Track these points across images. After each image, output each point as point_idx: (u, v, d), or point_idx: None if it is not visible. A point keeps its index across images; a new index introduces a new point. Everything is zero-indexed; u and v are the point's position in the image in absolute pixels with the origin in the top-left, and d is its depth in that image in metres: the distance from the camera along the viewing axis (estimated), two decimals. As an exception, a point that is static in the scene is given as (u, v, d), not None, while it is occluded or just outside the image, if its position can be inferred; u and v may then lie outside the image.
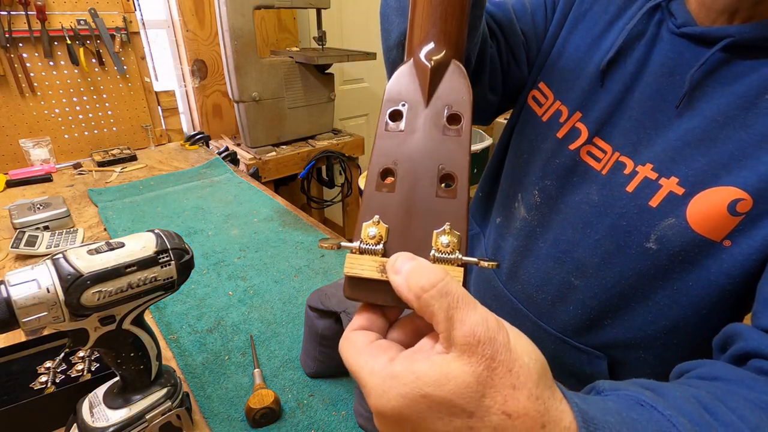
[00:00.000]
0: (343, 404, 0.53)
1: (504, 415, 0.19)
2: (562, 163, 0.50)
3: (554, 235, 0.52)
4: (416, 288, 0.21)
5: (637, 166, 0.45)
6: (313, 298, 0.54)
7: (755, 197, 0.38)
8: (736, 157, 0.39)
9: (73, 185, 1.21)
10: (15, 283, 0.35)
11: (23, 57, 1.31)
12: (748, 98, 0.40)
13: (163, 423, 0.45)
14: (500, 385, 0.19)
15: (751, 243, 0.39)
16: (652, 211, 0.43)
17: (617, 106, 0.47)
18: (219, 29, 1.45)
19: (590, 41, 0.50)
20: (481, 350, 0.19)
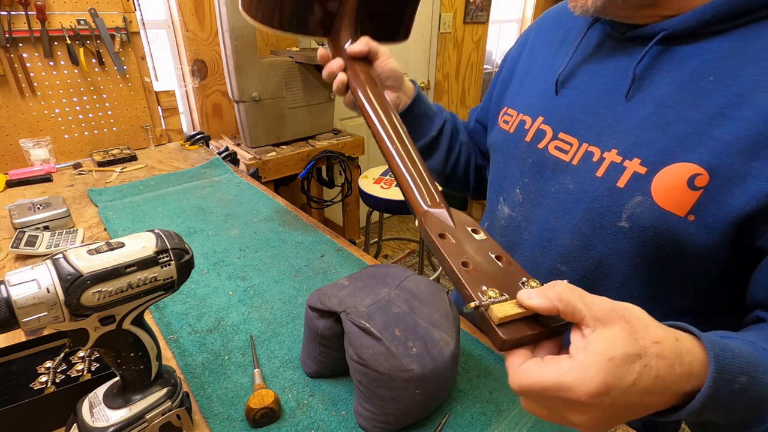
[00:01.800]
0: (343, 404, 0.53)
1: (655, 344, 0.28)
2: (535, 160, 0.56)
3: (538, 227, 0.56)
4: (554, 296, 0.29)
5: (603, 152, 0.49)
6: (313, 298, 0.54)
7: (710, 171, 0.41)
8: (690, 135, 0.43)
9: (73, 185, 1.21)
10: (15, 283, 0.35)
11: (23, 57, 1.31)
12: (692, 81, 0.44)
13: (163, 423, 0.45)
14: (639, 329, 0.28)
15: (712, 217, 0.42)
16: (620, 191, 0.47)
17: (575, 106, 0.53)
18: (219, 29, 1.45)
19: (544, 69, 0.59)
20: (615, 315, 0.28)
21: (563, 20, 0.61)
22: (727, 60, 0.43)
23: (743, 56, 0.42)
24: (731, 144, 0.41)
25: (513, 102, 0.62)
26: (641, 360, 0.27)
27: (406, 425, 0.50)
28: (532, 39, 0.65)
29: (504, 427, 0.50)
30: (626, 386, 0.27)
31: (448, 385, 0.51)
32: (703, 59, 0.44)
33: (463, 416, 0.52)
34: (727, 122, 0.41)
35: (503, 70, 0.69)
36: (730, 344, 0.31)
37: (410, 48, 2.60)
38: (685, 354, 0.29)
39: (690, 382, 0.29)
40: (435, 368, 0.47)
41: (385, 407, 0.47)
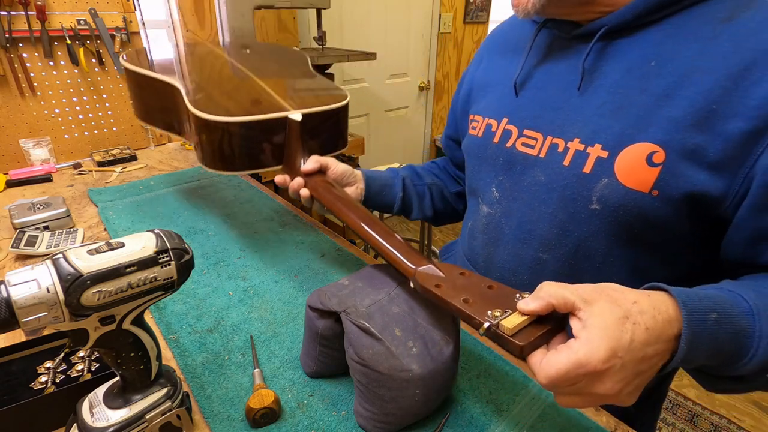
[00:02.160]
0: (343, 404, 0.53)
1: (634, 303, 0.34)
2: (506, 159, 0.60)
3: (516, 220, 0.59)
4: (545, 295, 0.35)
5: (567, 143, 0.53)
6: (313, 298, 0.54)
7: (665, 148, 0.45)
8: (642, 117, 0.47)
9: (73, 185, 1.21)
10: (15, 283, 0.35)
11: (23, 57, 1.31)
12: (636, 68, 0.49)
13: (163, 423, 0.45)
14: (618, 297, 0.34)
15: (673, 190, 0.46)
16: (587, 176, 0.51)
17: (535, 104, 0.57)
18: (219, 29, 1.45)
19: (502, 76, 0.64)
20: (597, 293, 0.34)
21: (512, 34, 0.67)
22: (663, 46, 0.48)
23: (677, 41, 0.47)
24: (678, 121, 0.45)
25: (477, 109, 0.67)
26: (629, 320, 0.33)
27: (406, 425, 0.50)
28: (486, 55, 0.71)
29: (504, 427, 0.50)
30: (627, 343, 0.32)
31: (448, 385, 0.51)
32: (642, 48, 0.49)
33: (463, 416, 0.52)
34: (672, 102, 0.45)
35: (463, 86, 0.75)
36: (696, 290, 0.37)
37: (410, 48, 2.61)
38: (660, 304, 0.35)
39: (673, 327, 0.35)
40: (435, 368, 0.47)
41: (385, 407, 0.47)
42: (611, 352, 0.32)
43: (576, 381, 0.33)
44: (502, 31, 0.71)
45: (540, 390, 0.55)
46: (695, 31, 0.46)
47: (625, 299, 0.34)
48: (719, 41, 0.44)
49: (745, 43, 0.43)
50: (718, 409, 1.58)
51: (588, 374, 0.32)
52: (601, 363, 0.31)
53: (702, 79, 0.44)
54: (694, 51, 0.45)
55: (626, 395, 0.34)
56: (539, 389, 0.55)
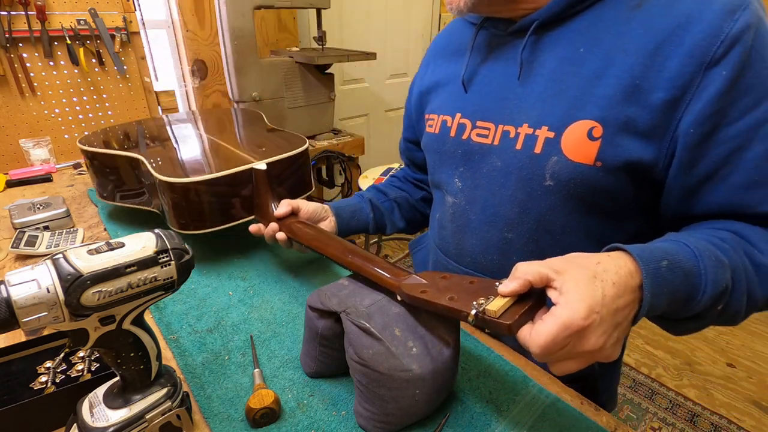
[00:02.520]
0: (343, 404, 0.53)
1: (598, 264, 0.39)
2: (464, 150, 0.64)
3: (480, 206, 0.63)
4: (521, 274, 0.39)
5: (517, 128, 0.57)
6: (313, 298, 0.54)
7: (602, 122, 0.50)
8: (579, 98, 0.52)
9: (73, 185, 1.21)
10: (15, 283, 0.35)
11: (23, 57, 1.31)
12: (568, 55, 0.54)
13: (163, 423, 0.45)
14: (583, 261, 0.39)
15: (613, 160, 0.51)
16: (539, 156, 0.55)
17: (484, 97, 0.62)
18: (219, 29, 1.45)
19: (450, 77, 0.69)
20: (565, 262, 0.39)
21: (453, 38, 0.72)
22: (588, 34, 0.53)
23: (598, 29, 0.52)
24: (610, 98, 0.50)
25: (432, 108, 0.71)
26: (597, 278, 0.37)
27: (406, 425, 0.50)
28: (432, 60, 0.75)
29: (504, 427, 0.50)
30: (600, 299, 0.36)
31: (448, 385, 0.51)
32: (571, 36, 0.54)
33: (463, 416, 0.52)
34: (602, 81, 0.51)
35: (414, 90, 0.80)
36: (647, 245, 0.42)
37: (410, 48, 2.61)
38: (619, 260, 0.40)
39: (634, 278, 0.39)
40: (435, 368, 0.47)
41: (385, 407, 0.47)
42: (589, 309, 0.35)
43: (565, 343, 0.36)
44: (443, 37, 0.76)
45: (540, 390, 0.55)
46: (612, 18, 0.52)
47: (590, 262, 0.39)
48: (633, 26, 0.50)
49: (654, 25, 0.49)
50: (718, 409, 1.58)
51: (574, 333, 0.35)
52: (583, 320, 0.35)
53: (624, 60, 0.50)
54: (614, 36, 0.51)
55: (611, 348, 0.38)
56: (539, 389, 0.55)
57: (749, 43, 0.45)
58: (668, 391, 1.65)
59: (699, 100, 0.46)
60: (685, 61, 0.46)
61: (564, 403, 0.53)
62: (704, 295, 0.42)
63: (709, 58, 0.45)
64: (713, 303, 0.43)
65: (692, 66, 0.46)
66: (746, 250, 0.46)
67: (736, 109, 0.46)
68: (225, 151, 0.86)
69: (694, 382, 1.70)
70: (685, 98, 0.47)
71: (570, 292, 0.36)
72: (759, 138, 0.46)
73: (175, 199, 0.75)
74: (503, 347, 0.63)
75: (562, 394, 0.55)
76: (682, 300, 0.42)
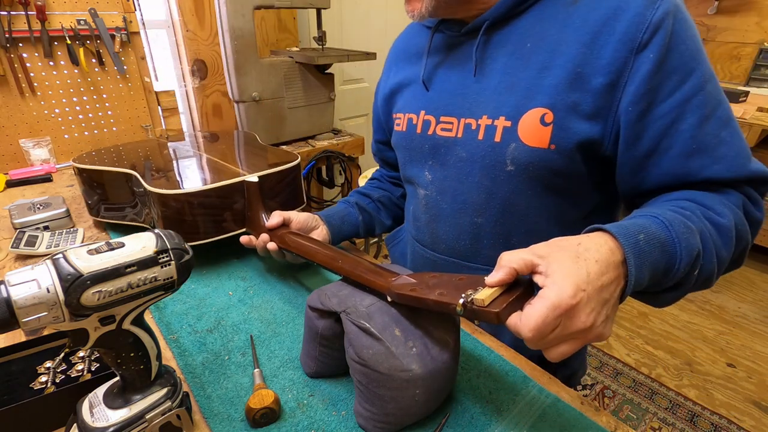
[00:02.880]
0: (343, 404, 0.53)
1: (578, 245, 0.40)
2: (431, 145, 0.68)
3: (450, 195, 0.68)
4: (506, 263, 0.40)
5: (478, 120, 0.62)
6: (313, 298, 0.54)
7: (552, 109, 0.56)
8: (530, 88, 0.57)
9: (73, 185, 1.21)
10: (15, 283, 0.35)
11: (23, 57, 1.31)
12: (517, 50, 0.59)
13: (163, 423, 0.45)
14: (564, 244, 0.40)
15: (565, 142, 0.56)
16: (499, 144, 0.60)
17: (444, 94, 0.67)
18: (219, 29, 1.45)
19: (411, 79, 0.73)
20: (548, 247, 0.40)
21: (411, 43, 0.76)
22: (533, 30, 0.58)
23: (542, 25, 0.58)
24: (556, 86, 0.55)
25: (397, 108, 0.76)
26: (580, 257, 0.38)
27: (406, 425, 0.50)
28: (394, 65, 0.79)
29: (504, 427, 0.50)
30: (585, 276, 0.37)
31: (448, 385, 0.51)
32: (519, 33, 0.59)
33: (463, 416, 0.52)
34: (550, 72, 0.56)
35: (379, 94, 0.84)
36: (622, 223, 0.44)
37: (410, 48, 2.60)
38: (599, 239, 0.41)
39: (615, 254, 0.40)
40: (435, 368, 0.47)
41: (385, 407, 0.47)
42: (575, 287, 0.36)
43: (556, 324, 0.36)
44: (402, 42, 0.80)
45: (540, 390, 0.55)
46: (553, 15, 0.57)
47: (571, 244, 0.40)
48: (572, 20, 0.56)
49: (589, 18, 0.54)
50: (718, 409, 1.58)
51: (563, 314, 0.36)
52: (570, 298, 0.36)
53: (567, 50, 0.55)
54: (556, 30, 0.56)
55: (601, 326, 0.38)
56: (539, 389, 0.55)
57: (670, 28, 0.50)
58: (668, 391, 1.65)
59: (633, 81, 0.52)
60: (617, 47, 0.52)
61: (564, 403, 0.53)
62: (681, 262, 0.44)
63: (637, 43, 0.51)
64: (690, 269, 0.45)
65: (624, 51, 0.52)
66: (705, 215, 0.49)
67: (666, 87, 0.51)
68: (220, 166, 0.89)
69: (694, 382, 1.70)
70: (621, 81, 0.53)
71: (555, 273, 0.37)
72: (689, 111, 0.51)
73: (167, 211, 0.76)
74: (503, 347, 0.63)
75: (562, 394, 0.55)
76: (662, 270, 0.44)
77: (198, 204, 0.75)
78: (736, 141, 0.52)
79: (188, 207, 0.75)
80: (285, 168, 0.86)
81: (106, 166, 0.89)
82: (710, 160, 0.51)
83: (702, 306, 2.12)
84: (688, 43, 0.51)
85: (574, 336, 0.37)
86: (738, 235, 0.50)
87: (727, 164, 0.51)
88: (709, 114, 0.51)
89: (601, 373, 1.73)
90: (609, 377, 1.71)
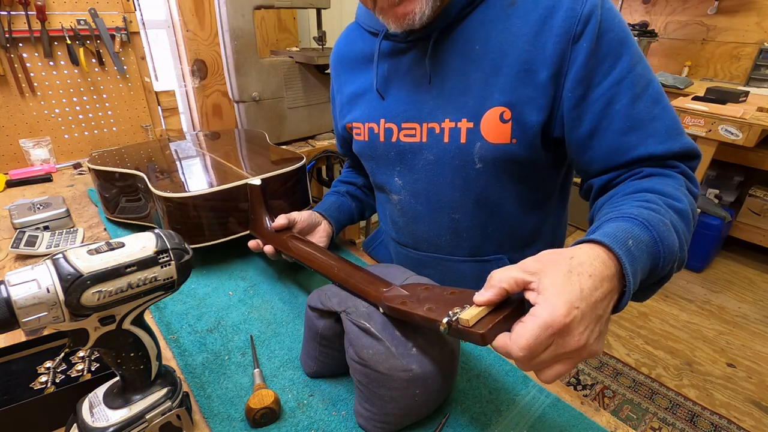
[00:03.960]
0: (343, 404, 0.53)
1: (571, 258, 0.38)
2: (397, 152, 0.70)
3: (425, 197, 0.71)
4: (496, 282, 0.38)
5: (441, 124, 0.64)
6: (313, 298, 0.54)
7: (508, 106, 0.59)
8: (485, 89, 0.60)
9: (73, 185, 1.21)
10: (15, 283, 0.35)
11: (23, 57, 1.31)
12: (467, 53, 0.62)
13: (163, 423, 0.45)
14: (556, 258, 0.39)
15: (524, 135, 0.60)
16: (465, 145, 0.63)
17: (401, 101, 0.68)
18: (219, 29, 1.45)
19: (362, 87, 0.74)
20: (539, 262, 0.38)
21: (353, 48, 0.76)
22: (478, 33, 0.61)
23: (486, 28, 0.60)
24: (508, 84, 0.59)
25: (354, 117, 0.76)
26: (573, 273, 0.37)
27: (406, 425, 0.50)
28: (342, 72, 0.79)
29: (504, 427, 0.50)
30: (579, 293, 0.36)
31: (448, 385, 0.51)
32: (465, 37, 0.62)
33: (463, 416, 0.52)
34: (500, 71, 0.59)
35: (336, 103, 0.83)
36: (605, 230, 0.43)
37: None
38: (591, 251, 0.40)
39: (608, 267, 0.39)
40: (435, 368, 0.47)
41: (385, 407, 0.47)
42: (569, 305, 0.35)
43: (548, 343, 0.35)
44: (345, 46, 0.79)
45: (540, 390, 0.55)
46: (494, 18, 0.60)
47: (563, 258, 0.38)
48: (512, 21, 0.59)
49: (529, 17, 0.58)
50: (718, 409, 1.58)
51: (556, 332, 0.34)
52: (564, 317, 0.34)
53: (513, 50, 0.59)
54: (499, 31, 0.60)
55: (595, 343, 0.37)
56: (539, 389, 0.55)
57: (599, 18, 0.55)
58: (668, 391, 1.65)
59: (571, 70, 0.56)
60: (556, 40, 0.56)
61: (564, 403, 0.53)
62: (664, 261, 0.45)
63: (572, 35, 0.55)
64: (671, 264, 0.46)
65: (562, 44, 0.56)
66: (668, 203, 0.50)
67: (600, 72, 0.56)
68: (225, 168, 0.89)
69: (694, 382, 1.69)
70: (562, 71, 0.57)
71: (547, 291, 0.36)
72: (622, 92, 0.55)
73: (173, 213, 0.77)
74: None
75: (562, 394, 0.55)
76: (648, 271, 0.44)
77: (202, 206, 0.76)
78: (667, 117, 0.56)
79: (193, 209, 0.76)
80: (289, 170, 0.86)
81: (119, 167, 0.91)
82: (645, 134, 0.56)
83: (702, 306, 2.11)
84: (617, 30, 0.55)
85: (568, 355, 0.36)
86: (692, 215, 0.52)
87: (660, 138, 0.55)
88: (640, 93, 0.55)
89: (601, 373, 1.73)
90: (609, 377, 1.71)
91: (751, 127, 1.83)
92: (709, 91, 2.13)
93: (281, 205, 0.86)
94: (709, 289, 2.23)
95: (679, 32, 2.98)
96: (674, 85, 2.56)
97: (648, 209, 0.48)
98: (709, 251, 2.31)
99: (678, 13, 2.95)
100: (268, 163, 0.91)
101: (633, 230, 0.44)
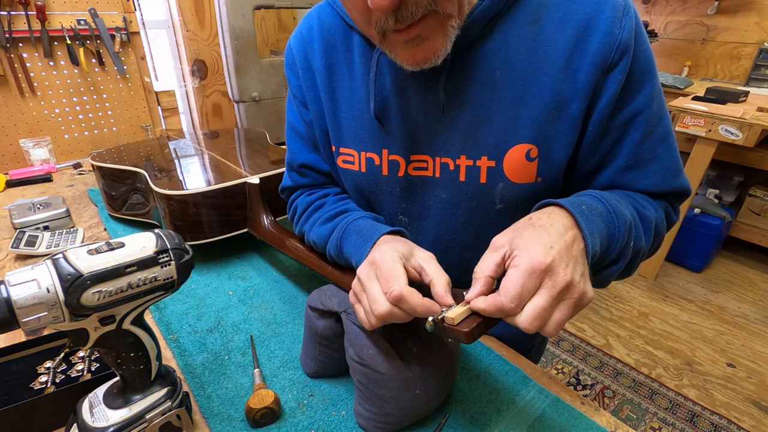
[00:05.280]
0: (343, 404, 0.53)
1: (530, 218, 0.42)
2: (403, 187, 0.61)
3: (433, 235, 0.63)
4: (481, 273, 0.40)
5: (456, 161, 0.57)
6: (313, 298, 0.54)
7: (535, 143, 0.53)
8: (508, 123, 0.53)
9: (73, 185, 1.21)
10: (15, 283, 0.35)
11: (23, 57, 1.31)
12: (487, 79, 0.53)
13: (163, 423, 0.45)
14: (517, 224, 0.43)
15: (551, 173, 0.55)
16: (486, 186, 0.56)
17: (407, 131, 0.58)
18: (219, 29, 1.45)
19: (351, 98, 0.60)
20: (506, 234, 0.41)
21: (335, 43, 0.60)
22: (499, 55, 0.52)
23: (508, 50, 0.52)
24: (537, 118, 0.52)
25: (342, 141, 0.63)
26: (535, 227, 0.40)
27: (406, 425, 0.50)
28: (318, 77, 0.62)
29: (504, 427, 0.50)
30: (548, 236, 0.39)
31: (448, 385, 0.51)
32: (484, 60, 0.53)
33: (463, 416, 0.52)
34: (526, 103, 0.52)
35: (309, 109, 0.66)
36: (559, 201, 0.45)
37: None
38: (546, 210, 0.44)
39: (564, 216, 0.42)
40: (435, 368, 0.47)
41: (385, 407, 0.47)
42: (544, 247, 0.37)
43: (536, 287, 0.37)
44: (321, 34, 0.61)
45: (540, 390, 0.55)
46: (517, 38, 0.52)
47: (523, 222, 0.43)
48: (539, 43, 0.51)
49: (558, 39, 0.50)
50: (718, 409, 1.58)
51: (542, 273, 0.36)
52: (543, 257, 0.37)
53: (541, 78, 0.51)
54: (524, 55, 0.51)
55: (582, 281, 0.38)
56: (539, 389, 0.55)
57: (632, 48, 0.49)
58: (668, 391, 1.65)
59: (601, 101, 0.51)
60: (591, 69, 0.50)
61: (564, 403, 0.53)
62: (619, 231, 0.45)
63: (608, 64, 0.49)
64: (627, 239, 0.47)
65: (596, 73, 0.50)
66: (632, 203, 0.51)
67: (620, 104, 0.52)
68: (224, 167, 0.90)
69: (694, 382, 1.69)
70: (593, 102, 0.51)
71: (521, 244, 0.38)
72: (633, 128, 0.52)
73: (173, 211, 0.78)
74: (503, 347, 0.63)
75: (562, 394, 0.55)
76: (606, 239, 0.45)
77: (202, 204, 0.77)
78: (668, 157, 0.54)
79: (193, 207, 0.77)
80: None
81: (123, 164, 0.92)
82: (642, 174, 0.54)
83: (702, 306, 2.11)
84: (642, 59, 0.51)
85: (561, 297, 0.37)
86: (657, 229, 0.52)
87: (655, 179, 0.54)
88: (650, 131, 0.53)
89: (601, 373, 1.73)
90: (609, 377, 1.71)
91: (751, 127, 1.83)
92: (709, 91, 2.13)
93: (280, 204, 0.86)
94: (709, 289, 2.23)
95: (679, 32, 2.97)
96: (674, 85, 2.56)
97: (607, 193, 0.49)
98: (709, 251, 2.31)
99: (678, 13, 2.95)
100: (267, 162, 0.91)
101: (586, 200, 0.45)
